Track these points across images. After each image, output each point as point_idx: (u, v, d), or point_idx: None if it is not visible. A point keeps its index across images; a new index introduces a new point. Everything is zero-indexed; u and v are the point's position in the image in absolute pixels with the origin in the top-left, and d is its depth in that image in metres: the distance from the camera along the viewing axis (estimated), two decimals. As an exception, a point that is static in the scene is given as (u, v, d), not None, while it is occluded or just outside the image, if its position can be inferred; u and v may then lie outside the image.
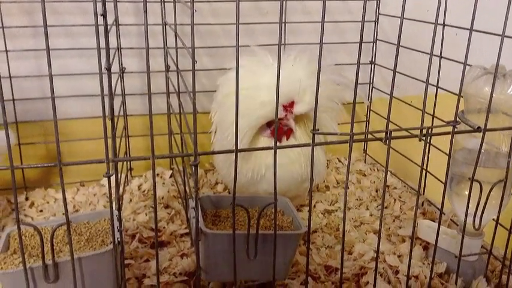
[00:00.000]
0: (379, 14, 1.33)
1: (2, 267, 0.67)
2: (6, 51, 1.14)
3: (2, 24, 1.13)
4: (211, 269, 0.77)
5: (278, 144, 0.68)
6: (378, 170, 1.35)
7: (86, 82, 1.24)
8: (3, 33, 1.13)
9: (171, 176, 1.27)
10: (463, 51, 0.70)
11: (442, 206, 0.79)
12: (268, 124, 0.95)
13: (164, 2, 1.17)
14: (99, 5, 0.62)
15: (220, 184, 1.26)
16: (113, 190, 0.68)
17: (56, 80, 1.23)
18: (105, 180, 1.24)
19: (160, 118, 1.28)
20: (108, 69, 0.64)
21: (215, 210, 0.87)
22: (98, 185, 1.25)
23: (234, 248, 0.70)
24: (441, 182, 1.01)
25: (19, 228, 0.62)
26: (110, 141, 0.66)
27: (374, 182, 1.28)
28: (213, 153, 0.70)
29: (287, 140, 0.94)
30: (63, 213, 1.08)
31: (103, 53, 0.62)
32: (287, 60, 0.95)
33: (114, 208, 0.68)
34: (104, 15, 0.63)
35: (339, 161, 1.41)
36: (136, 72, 1.26)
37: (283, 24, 1.30)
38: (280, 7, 0.62)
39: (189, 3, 0.61)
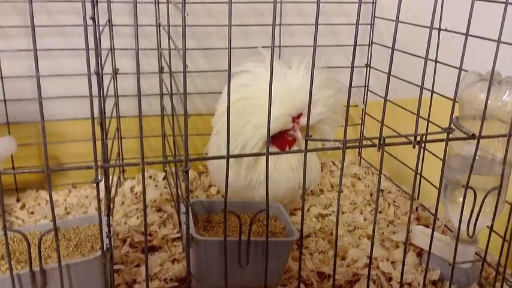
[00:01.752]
0: (375, 16, 1.32)
1: (-12, 274, 0.66)
2: (-2, 51, 1.13)
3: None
4: (202, 276, 0.76)
5: (273, 150, 0.67)
6: (372, 173, 1.34)
7: (80, 83, 1.23)
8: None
9: (164, 179, 1.26)
10: (458, 55, 0.69)
11: (436, 213, 0.78)
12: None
13: (158, 3, 1.16)
14: (88, 6, 0.61)
15: (213, 187, 1.25)
16: (101, 194, 0.68)
17: (50, 80, 1.24)
18: (98, 182, 1.23)
19: (154, 119, 1.27)
20: (98, 73, 0.63)
21: (207, 215, 0.86)
22: (90, 187, 1.24)
23: (226, 255, 0.69)
24: (435, 187, 1.00)
25: (6, 234, 0.61)
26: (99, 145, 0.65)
27: (368, 185, 1.27)
28: (205, 158, 0.69)
29: (289, 148, 0.93)
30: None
31: (91, 55, 0.61)
32: (297, 70, 0.94)
33: (103, 213, 0.67)
34: (94, 19, 0.62)
35: (334, 164, 1.40)
36: (130, 74, 1.25)
37: (278, 26, 1.30)
38: (274, 10, 0.61)
39: (181, 6, 0.60)
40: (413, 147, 0.72)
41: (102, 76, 0.66)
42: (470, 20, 0.68)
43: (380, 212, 1.14)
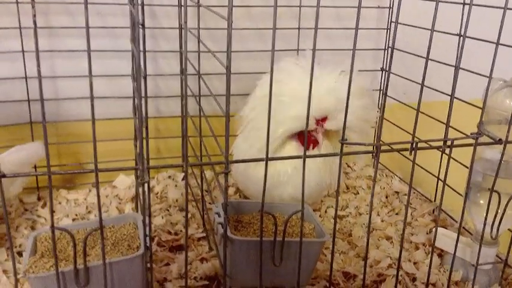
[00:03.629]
0: (391, 21, 1.34)
1: (33, 271, 0.67)
2: (23, 51, 1.14)
3: (20, 24, 1.12)
4: (234, 275, 0.78)
5: (307, 153, 0.69)
6: (386, 175, 1.37)
7: (99, 83, 1.24)
8: (21, 33, 1.13)
9: (183, 179, 1.28)
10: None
11: (462, 217, 0.80)
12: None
13: (181, 6, 1.17)
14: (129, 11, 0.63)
15: (231, 187, 1.26)
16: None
17: (70, 81, 1.25)
18: (117, 182, 1.25)
19: (172, 121, 1.29)
20: (145, 77, 0.65)
21: (236, 215, 0.88)
22: (110, 187, 1.25)
23: (261, 255, 0.70)
24: (458, 193, 1.02)
25: (53, 232, 0.62)
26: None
27: (384, 188, 1.29)
28: (244, 161, 0.71)
29: (313, 149, 0.95)
30: (76, 215, 1.10)
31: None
32: (331, 75, 0.95)
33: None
34: (143, 25, 0.64)
35: (348, 166, 1.43)
36: (150, 75, 1.27)
37: (297, 30, 1.32)
38: (316, 16, 0.63)
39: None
40: (443, 152, 0.74)
41: (146, 81, 0.68)
42: (501, 29, 0.71)
43: (397, 214, 1.16)
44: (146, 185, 0.65)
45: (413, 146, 0.73)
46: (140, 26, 0.62)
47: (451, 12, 1.00)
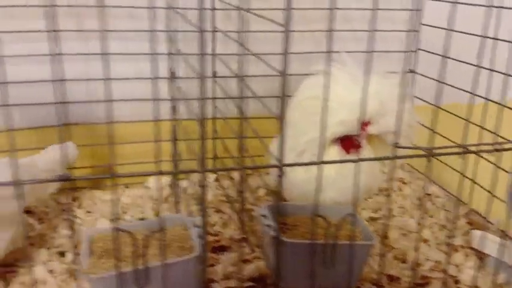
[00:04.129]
0: (421, 24, 1.35)
1: (94, 272, 0.68)
2: (59, 54, 1.15)
3: (57, 28, 1.13)
4: (283, 277, 0.79)
5: (349, 157, 0.70)
6: (417, 177, 1.37)
7: (132, 85, 1.25)
8: (57, 36, 1.14)
9: (216, 180, 1.29)
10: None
11: (508, 222, 0.81)
12: None
13: (215, 9, 1.19)
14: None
15: (261, 188, 1.27)
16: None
17: (102, 83, 1.26)
18: (150, 183, 1.26)
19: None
20: (204, 77, 0.66)
21: (281, 218, 0.89)
22: (142, 187, 1.26)
23: (313, 258, 0.72)
24: (497, 198, 1.02)
25: (115, 233, 0.63)
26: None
27: (415, 190, 1.29)
28: (297, 164, 0.71)
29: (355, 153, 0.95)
30: (112, 215, 1.11)
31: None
32: (373, 79, 0.95)
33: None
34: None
35: (379, 168, 1.43)
36: (182, 78, 1.28)
37: (328, 33, 1.32)
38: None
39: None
40: (490, 155, 0.75)
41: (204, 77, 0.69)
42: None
43: (431, 217, 1.17)
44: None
45: (464, 150, 0.73)
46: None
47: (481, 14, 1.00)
